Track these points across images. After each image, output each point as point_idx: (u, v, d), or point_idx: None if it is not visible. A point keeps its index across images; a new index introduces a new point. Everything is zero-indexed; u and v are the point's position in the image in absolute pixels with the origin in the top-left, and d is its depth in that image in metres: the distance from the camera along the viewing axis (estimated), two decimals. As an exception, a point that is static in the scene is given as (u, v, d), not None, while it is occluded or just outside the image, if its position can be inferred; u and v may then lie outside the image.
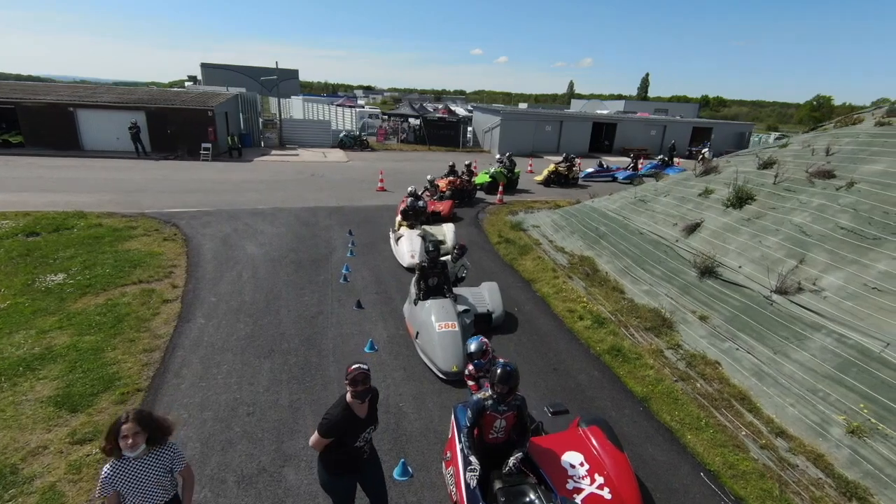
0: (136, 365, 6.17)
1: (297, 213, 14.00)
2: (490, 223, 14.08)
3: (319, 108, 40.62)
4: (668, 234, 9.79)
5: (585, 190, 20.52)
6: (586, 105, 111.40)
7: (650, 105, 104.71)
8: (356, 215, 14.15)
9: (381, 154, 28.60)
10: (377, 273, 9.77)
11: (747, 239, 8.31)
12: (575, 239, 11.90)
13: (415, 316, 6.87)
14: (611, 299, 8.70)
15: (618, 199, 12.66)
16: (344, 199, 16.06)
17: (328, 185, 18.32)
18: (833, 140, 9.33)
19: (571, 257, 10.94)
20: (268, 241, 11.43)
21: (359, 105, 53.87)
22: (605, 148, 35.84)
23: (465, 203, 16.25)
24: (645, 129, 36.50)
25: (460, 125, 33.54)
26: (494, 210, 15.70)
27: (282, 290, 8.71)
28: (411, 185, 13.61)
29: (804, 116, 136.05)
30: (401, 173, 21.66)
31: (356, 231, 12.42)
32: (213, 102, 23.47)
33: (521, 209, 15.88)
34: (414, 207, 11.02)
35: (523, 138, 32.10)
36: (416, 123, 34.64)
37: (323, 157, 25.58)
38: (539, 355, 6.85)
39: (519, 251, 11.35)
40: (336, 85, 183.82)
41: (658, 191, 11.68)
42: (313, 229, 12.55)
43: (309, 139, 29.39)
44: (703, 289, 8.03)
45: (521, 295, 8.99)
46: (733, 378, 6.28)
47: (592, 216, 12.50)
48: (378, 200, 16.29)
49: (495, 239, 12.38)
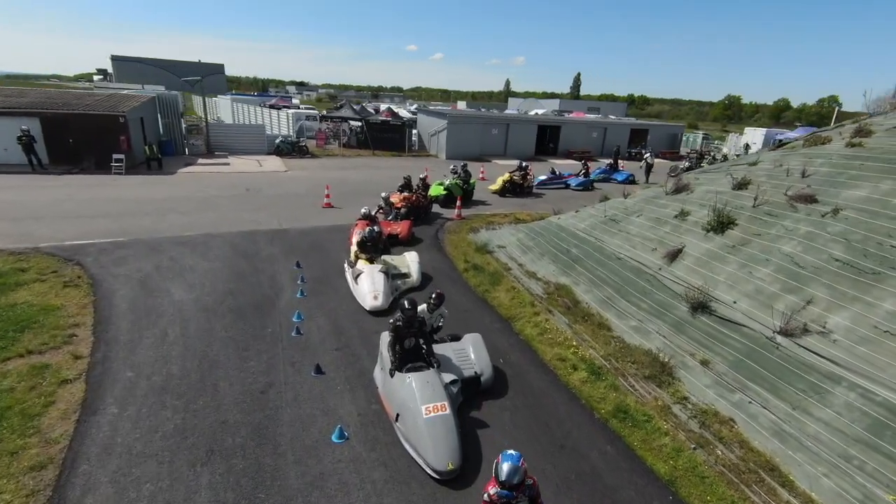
0: (16, 498, 4.53)
1: (232, 241, 12.21)
2: (452, 244, 13.04)
3: (251, 111, 37.63)
4: (649, 260, 9.24)
5: (541, 198, 20.08)
6: (523, 104, 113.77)
7: (583, 104, 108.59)
8: (302, 240, 12.58)
9: (324, 161, 26.70)
10: (335, 320, 8.43)
11: (736, 269, 7.86)
12: (546, 262, 11.15)
13: (393, 392, 5.68)
14: (599, 339, 7.96)
15: (586, 217, 12.07)
16: (287, 219, 14.37)
17: (267, 202, 16.45)
18: (806, 161, 9.17)
19: (547, 285, 10.15)
20: (199, 280, 9.68)
21: (294, 105, 50.94)
22: (550, 150, 35.98)
23: (422, 219, 15.12)
24: (587, 132, 37.07)
25: (405, 128, 32.23)
26: (454, 228, 14.68)
27: (220, 352, 7.16)
28: (364, 207, 12.27)
29: (718, 114, 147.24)
30: (347, 184, 20.09)
31: (305, 262, 10.92)
32: (126, 106, 20.58)
33: (481, 225, 14.99)
34: (372, 237, 9.73)
35: (470, 142, 31.38)
36: (357, 126, 32.89)
37: (258, 167, 23.35)
38: (540, 426, 5.90)
39: (490, 280, 10.41)
40: (267, 81, 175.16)
41: (629, 210, 11.19)
42: (254, 261, 10.90)
43: (241, 146, 26.86)
44: (698, 327, 7.47)
45: (503, 340, 8.03)
46: (753, 440, 5.68)
47: (561, 236, 11.82)
48: (326, 219, 14.75)
49: (462, 265, 11.36)
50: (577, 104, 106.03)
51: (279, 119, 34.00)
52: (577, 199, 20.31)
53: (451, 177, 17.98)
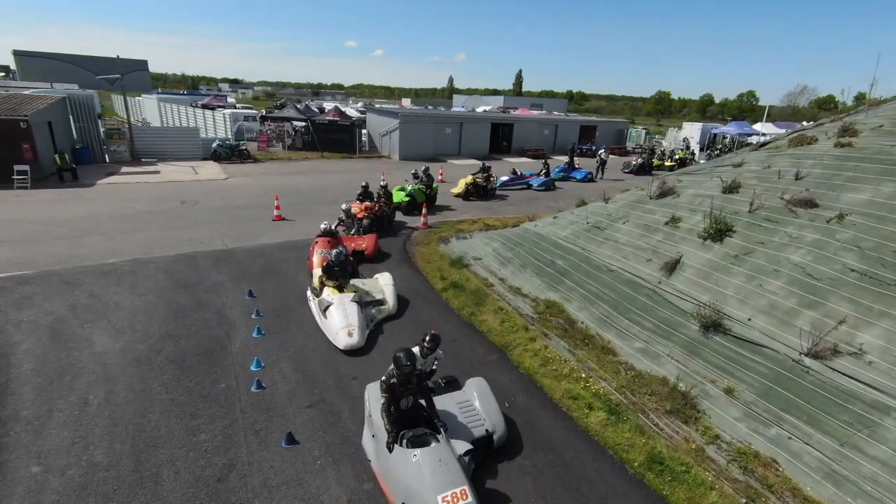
0: None
1: (169, 267, 10.44)
2: (423, 258, 11.92)
3: (181, 111, 34.43)
4: (645, 272, 8.61)
5: (505, 201, 19.37)
6: (467, 100, 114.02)
7: (526, 100, 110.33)
8: (253, 263, 11.00)
9: (267, 166, 24.62)
10: (303, 364, 7.10)
11: (744, 281, 7.34)
12: (529, 275, 10.31)
13: (393, 472, 4.53)
14: (607, 367, 7.17)
15: (566, 224, 11.36)
16: (232, 237, 12.66)
17: (207, 216, 14.55)
18: (796, 162, 8.87)
19: (535, 303, 9.30)
20: (128, 322, 7.99)
21: (230, 104, 47.55)
22: (503, 149, 35.55)
23: (385, 230, 13.87)
24: (539, 129, 36.99)
25: (355, 129, 30.57)
26: (422, 238, 13.56)
27: (160, 423, 5.68)
28: (324, 222, 10.90)
29: (651, 109, 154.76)
30: (298, 192, 18.40)
31: (259, 290, 9.43)
32: (29, 108, 17.70)
33: (450, 234, 13.96)
34: (340, 261, 8.41)
35: (424, 142, 30.26)
36: (300, 126, 30.85)
37: (193, 174, 21.02)
38: (570, 493, 4.97)
39: (473, 300, 9.41)
40: (196, 78, 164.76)
41: (612, 215, 10.57)
42: (196, 293, 9.27)
43: (172, 151, 24.22)
44: (713, 348, 6.86)
45: (503, 376, 7.05)
46: (806, 486, 5.04)
47: (542, 245, 11.03)
48: (278, 235, 13.16)
49: (439, 283, 10.28)
50: (521, 101, 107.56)
51: (214, 120, 31.26)
52: (542, 199, 19.80)
53: (413, 181, 16.81)
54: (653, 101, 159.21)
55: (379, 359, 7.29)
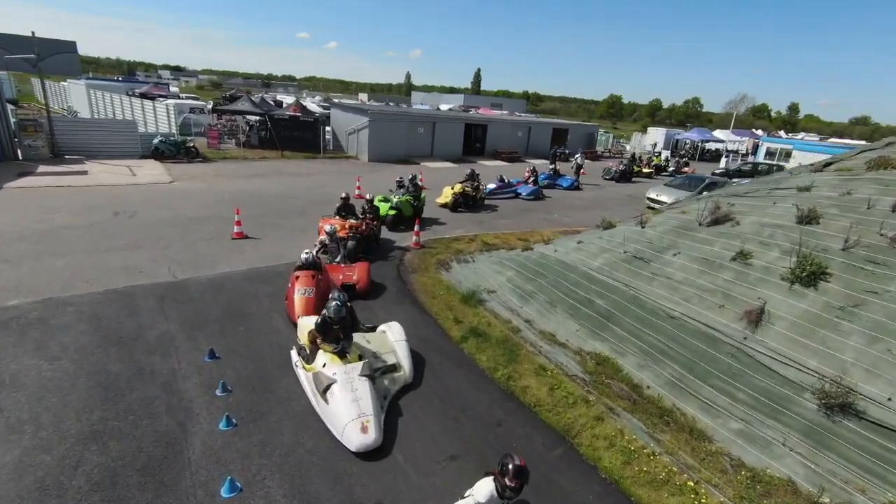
0: None
1: (95, 311, 7.85)
2: (426, 291, 9.88)
3: (115, 100, 30.25)
4: (719, 322, 7.02)
5: (495, 212, 17.58)
6: (426, 97, 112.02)
7: (485, 100, 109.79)
8: (212, 301, 8.57)
9: (220, 167, 21.57)
10: (300, 483, 4.92)
11: (865, 344, 5.86)
12: (561, 316, 8.53)
13: None
14: (710, 463, 5.48)
15: (596, 252, 9.67)
16: (183, 264, 10.09)
17: (148, 234, 11.79)
18: (884, 188, 7.57)
19: (580, 357, 7.52)
20: (29, 412, 5.49)
21: (173, 94, 43.08)
22: (476, 150, 33.84)
23: (372, 251, 11.70)
24: (512, 131, 35.57)
25: (319, 126, 27.82)
26: (418, 262, 11.48)
27: None
28: (305, 250, 8.65)
29: (603, 112, 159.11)
30: (260, 200, 15.78)
31: (224, 346, 7.09)
32: None
33: (449, 256, 11.97)
34: (341, 317, 6.21)
35: (395, 141, 28.00)
36: (254, 120, 27.79)
37: (130, 177, 17.80)
38: None
39: (504, 354, 7.50)
40: (133, 63, 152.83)
41: (655, 244, 8.97)
42: (134, 353, 6.81)
43: (104, 147, 20.69)
44: (847, 438, 5.31)
45: (581, 487, 5.17)
46: None
47: (569, 277, 9.29)
48: (241, 260, 10.68)
49: (455, 329, 8.30)
50: (480, 99, 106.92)
51: (156, 111, 27.54)
52: (534, 211, 18.18)
53: (398, 191, 14.66)
54: (605, 105, 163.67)
55: (406, 463, 5.23)
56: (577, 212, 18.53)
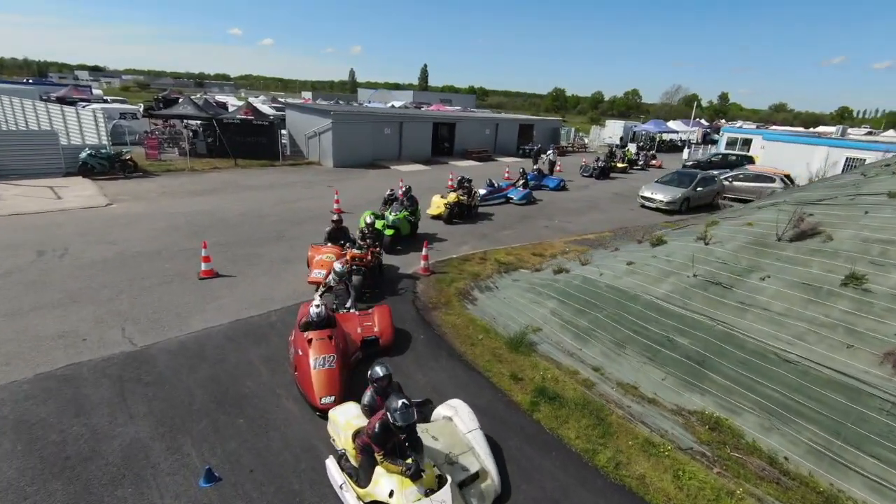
0: None
1: (22, 415, 5.51)
2: (459, 334, 8.09)
3: (28, 107, 25.89)
4: (854, 367, 5.76)
5: (491, 220, 15.97)
6: (375, 95, 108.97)
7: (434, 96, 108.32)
8: (193, 381, 6.37)
9: (165, 182, 18.57)
10: None
11: None
12: (635, 361, 7.05)
13: None
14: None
15: (657, 276, 8.26)
16: (140, 322, 7.74)
17: (87, 280, 9.22)
18: None
19: (681, 417, 6.06)
20: None
21: (97, 97, 38.28)
22: (445, 150, 32.13)
23: (377, 283, 9.76)
24: (480, 129, 34.11)
25: (275, 130, 25.07)
26: (433, 293, 9.65)
27: None
28: (315, 303, 6.68)
29: (549, 105, 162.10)
30: (223, 224, 13.32)
31: (221, 460, 5.02)
32: None
33: (466, 282, 10.23)
34: (409, 424, 4.26)
35: (361, 144, 25.76)
36: (195, 125, 24.71)
37: (54, 200, 14.69)
38: None
39: (592, 424, 5.90)
40: (44, 64, 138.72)
41: (731, 265, 7.67)
42: (89, 486, 4.61)
43: (16, 164, 17.18)
44: None
45: None
46: None
47: (631, 308, 7.83)
48: (217, 309, 8.43)
49: (516, 391, 6.59)
50: (429, 95, 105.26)
51: (80, 119, 23.69)
52: (533, 217, 16.72)
53: (394, 206, 12.70)
54: (550, 98, 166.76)
55: None
56: (576, 216, 17.29)
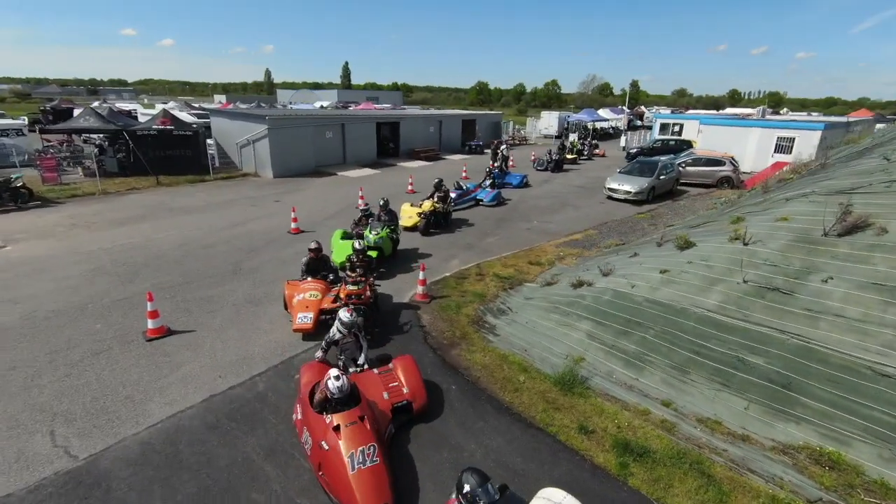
0: None
1: None
2: (495, 378, 6.77)
3: None
4: (964, 377, 5.19)
5: (471, 227, 14.75)
6: (296, 95, 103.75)
7: (359, 94, 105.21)
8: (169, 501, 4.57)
9: (74, 210, 15.43)
10: None
11: None
12: (706, 388, 6.17)
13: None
14: None
15: (698, 283, 7.45)
16: (76, 419, 5.68)
17: (-15, 363, 6.83)
18: None
19: (788, 457, 5.20)
20: None
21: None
22: (391, 151, 30.45)
23: (375, 319, 8.18)
24: (424, 127, 32.74)
25: (200, 139, 22.10)
26: (442, 324, 8.25)
27: None
28: (333, 375, 5.13)
29: (473, 99, 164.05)
30: (162, 259, 10.98)
31: None
32: None
33: (473, 305, 8.93)
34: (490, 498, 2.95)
35: (302, 150, 23.51)
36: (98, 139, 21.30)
37: (-78, 248, 11.43)
38: None
39: (701, 485, 4.87)
40: None
41: (783, 267, 7.00)
42: None
43: None
44: None
45: None
46: None
47: (683, 325, 6.96)
48: (181, 384, 6.48)
49: (594, 449, 5.42)
50: (354, 94, 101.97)
51: (-55, 140, 19.48)
52: (510, 219, 15.72)
53: (372, 224, 11.06)
54: (474, 92, 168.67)
55: None
56: (551, 214, 16.52)
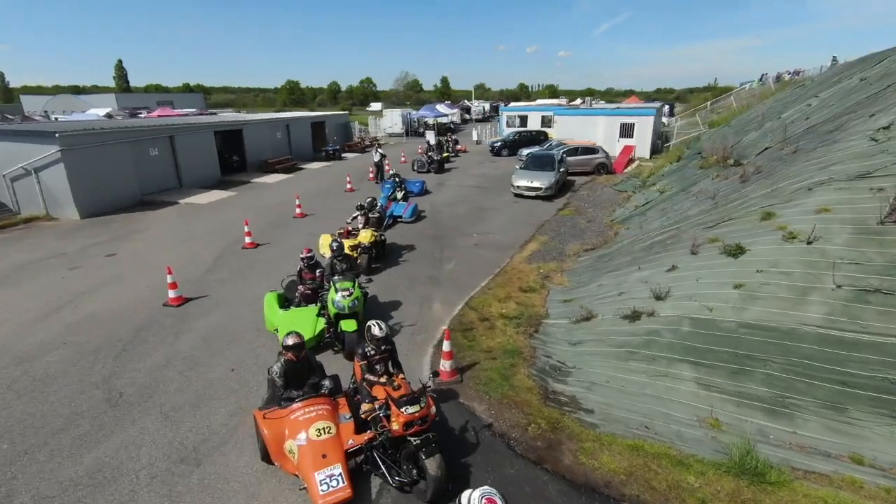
0: None
1: None
2: (647, 486, 4.72)
3: None
4: None
5: (414, 250, 12.14)
6: (53, 102, 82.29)
7: (147, 98, 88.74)
8: None
9: None
10: None
11: None
12: (891, 428, 5.22)
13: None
14: None
15: (784, 295, 6.54)
16: None
17: None
18: None
19: None
20: None
21: None
22: (236, 166, 24.96)
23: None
24: (270, 134, 27.73)
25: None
26: (506, 413, 5.81)
27: None
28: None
29: (286, 99, 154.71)
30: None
31: None
32: None
33: (513, 369, 6.68)
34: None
35: (118, 176, 17.32)
36: None
37: None
38: None
39: None
40: None
41: (861, 263, 6.48)
42: None
43: None
44: None
45: None
46: None
47: (802, 350, 5.96)
48: None
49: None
50: (140, 98, 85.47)
51: None
52: (449, 236, 13.54)
53: (335, 280, 7.68)
54: (285, 91, 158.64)
55: None
56: (479, 222, 14.82)
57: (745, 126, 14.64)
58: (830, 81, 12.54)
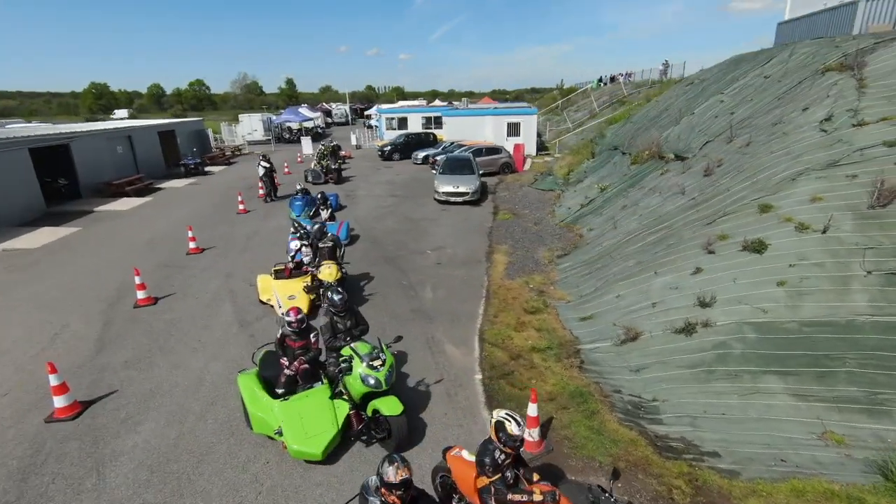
0: None
1: None
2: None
3: None
4: None
5: (371, 283, 10.23)
6: None
7: None
8: None
9: None
10: None
11: None
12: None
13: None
14: None
15: (825, 286, 6.58)
16: None
17: None
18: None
19: None
20: None
21: None
22: (63, 192, 19.18)
23: None
24: (109, 148, 22.02)
25: None
26: (650, 485, 4.73)
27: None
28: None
29: (92, 105, 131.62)
30: None
31: None
32: None
33: (594, 417, 5.64)
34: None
35: None
36: None
37: None
38: None
39: None
40: None
41: (877, 248, 6.83)
42: None
43: None
44: None
45: None
46: None
47: (865, 342, 6.01)
48: None
49: None
50: None
51: None
52: (399, 258, 11.96)
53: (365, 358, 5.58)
54: (90, 96, 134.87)
55: None
56: (424, 237, 13.32)
57: (652, 122, 15.65)
58: (727, 79, 13.93)
